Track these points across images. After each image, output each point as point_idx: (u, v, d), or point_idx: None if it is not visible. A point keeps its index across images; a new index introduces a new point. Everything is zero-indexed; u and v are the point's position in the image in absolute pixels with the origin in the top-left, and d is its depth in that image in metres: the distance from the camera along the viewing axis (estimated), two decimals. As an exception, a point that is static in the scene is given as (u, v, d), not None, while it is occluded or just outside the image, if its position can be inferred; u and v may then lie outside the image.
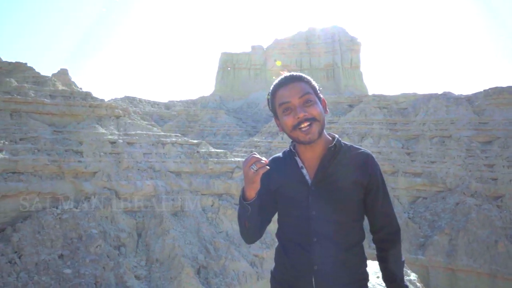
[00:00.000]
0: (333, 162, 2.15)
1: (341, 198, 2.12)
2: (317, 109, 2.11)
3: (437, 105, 44.11)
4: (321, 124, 2.12)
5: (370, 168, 2.16)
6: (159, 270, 23.51)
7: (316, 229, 2.12)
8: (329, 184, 2.13)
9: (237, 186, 28.84)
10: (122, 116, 30.60)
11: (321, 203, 2.12)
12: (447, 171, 38.30)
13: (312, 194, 2.13)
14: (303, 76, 2.20)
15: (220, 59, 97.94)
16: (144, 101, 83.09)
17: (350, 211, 2.15)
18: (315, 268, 2.10)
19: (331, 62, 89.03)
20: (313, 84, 2.20)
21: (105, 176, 25.60)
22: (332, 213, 2.11)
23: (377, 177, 2.18)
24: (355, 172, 2.14)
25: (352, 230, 2.17)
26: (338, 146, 2.18)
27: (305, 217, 2.14)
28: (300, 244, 2.16)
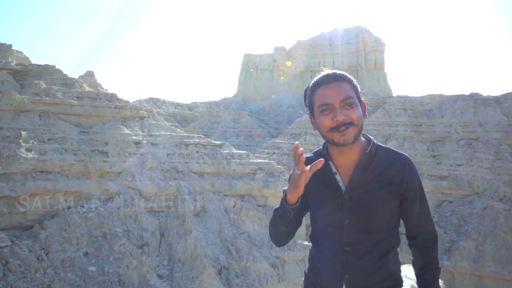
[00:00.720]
0: (368, 169, 2.07)
1: (376, 207, 2.04)
2: (356, 113, 2.02)
3: (464, 107, 43.03)
4: (358, 129, 2.02)
5: (407, 176, 2.07)
6: (181, 270, 23.75)
7: (349, 238, 2.07)
8: (363, 193, 2.05)
9: (259, 188, 28.85)
10: (146, 117, 31.11)
11: (355, 212, 2.05)
12: (474, 174, 37.28)
13: (346, 202, 2.06)
14: (347, 75, 2.09)
15: (242, 61, 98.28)
16: (167, 102, 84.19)
17: (385, 220, 2.08)
18: (346, 277, 2.07)
19: (355, 63, 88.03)
20: (355, 85, 2.10)
21: (129, 176, 26.07)
22: (366, 222, 2.05)
23: (414, 184, 2.09)
24: (391, 180, 2.05)
25: (386, 238, 2.10)
26: (374, 152, 2.10)
27: (338, 226, 2.09)
28: (332, 252, 2.13)
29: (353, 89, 2.06)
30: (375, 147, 2.12)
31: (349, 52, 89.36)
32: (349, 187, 2.07)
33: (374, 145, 2.12)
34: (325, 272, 2.16)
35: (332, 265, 2.12)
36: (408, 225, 2.19)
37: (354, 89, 2.07)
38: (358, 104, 2.05)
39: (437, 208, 37.73)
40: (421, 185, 2.14)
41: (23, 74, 33.33)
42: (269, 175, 29.74)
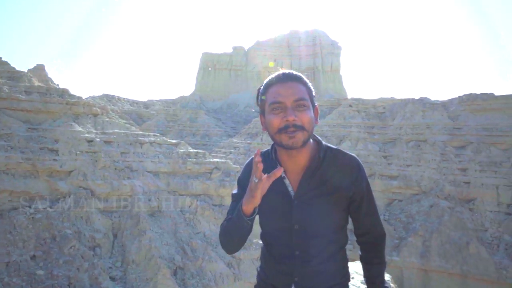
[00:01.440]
0: (316, 174, 2.03)
1: (325, 211, 2.03)
2: (308, 116, 1.94)
3: (414, 110, 45.05)
4: (308, 133, 1.95)
5: (356, 179, 2.07)
6: (135, 271, 23.24)
7: (299, 243, 2.05)
8: (313, 198, 2.03)
9: (215, 187, 28.78)
10: (100, 115, 30.13)
11: (304, 217, 2.02)
12: (422, 174, 39.16)
13: (295, 208, 2.03)
14: (303, 77, 2.02)
15: (201, 59, 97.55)
16: (123, 100, 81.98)
17: (334, 223, 2.08)
18: (295, 280, 2.08)
19: (312, 65, 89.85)
20: (310, 88, 2.03)
21: (81, 175, 25.16)
22: (316, 227, 2.03)
23: (362, 187, 2.09)
24: (340, 185, 2.04)
25: (335, 240, 2.12)
26: (323, 156, 2.05)
27: (287, 230, 2.06)
28: (282, 255, 2.12)
29: (308, 92, 1.99)
30: (324, 150, 2.07)
31: (307, 54, 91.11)
32: (298, 193, 2.03)
33: (323, 148, 2.08)
34: (276, 273, 2.17)
35: (283, 267, 2.12)
36: (357, 224, 2.21)
37: (309, 92, 2.00)
38: (311, 108, 1.98)
39: (387, 207, 39.29)
40: (368, 185, 2.14)
41: (-35, 67, 31.31)
42: (226, 174, 29.75)
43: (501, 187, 35.68)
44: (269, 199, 2.00)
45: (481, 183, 36.41)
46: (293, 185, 2.06)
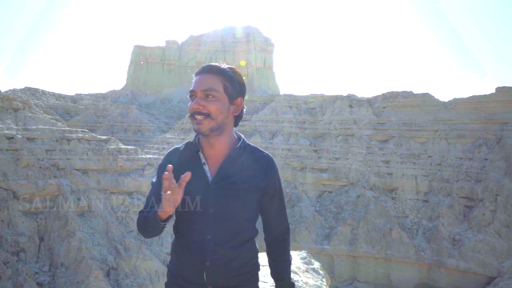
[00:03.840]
0: (235, 163, 2.18)
1: (239, 198, 2.16)
2: (214, 106, 2.09)
3: (342, 106, 47.33)
4: (216, 122, 2.11)
5: (270, 173, 2.23)
6: (65, 275, 22.19)
7: (211, 227, 2.14)
8: (229, 184, 2.15)
9: (148, 184, 28.19)
10: (21, 109, 28.14)
11: (219, 202, 2.14)
12: (350, 167, 41.39)
13: (211, 192, 2.14)
14: (221, 69, 2.15)
15: (132, 52, 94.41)
16: (48, 93, 76.95)
17: (246, 211, 2.20)
18: (207, 264, 2.14)
19: (245, 61, 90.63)
20: (230, 80, 2.16)
21: (0, 174, 23.39)
22: (229, 212, 2.14)
23: (275, 182, 2.27)
24: (255, 175, 2.19)
25: (246, 228, 2.22)
26: (243, 148, 2.23)
27: (202, 214, 2.15)
28: (195, 241, 2.18)
29: (223, 83, 2.12)
30: (244, 143, 2.26)
31: (241, 50, 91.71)
32: (216, 178, 2.16)
33: (244, 142, 2.26)
34: (187, 262, 2.21)
35: (194, 254, 2.17)
36: (265, 219, 2.35)
37: (226, 83, 2.13)
38: (225, 98, 2.12)
39: (318, 198, 41.05)
40: (280, 183, 2.33)
41: None
42: (160, 171, 29.25)
43: (419, 177, 38.83)
44: (188, 184, 2.01)
45: (402, 174, 39.31)
46: (212, 171, 2.19)
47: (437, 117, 41.68)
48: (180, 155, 2.28)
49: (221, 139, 2.21)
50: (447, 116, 41.28)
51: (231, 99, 2.17)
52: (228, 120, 2.19)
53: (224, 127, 2.18)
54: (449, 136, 39.75)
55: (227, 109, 2.16)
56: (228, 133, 2.23)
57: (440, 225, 34.59)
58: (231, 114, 2.20)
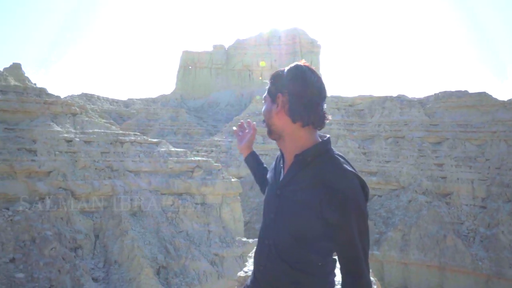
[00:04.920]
0: (295, 176, 1.99)
1: (294, 214, 1.95)
2: (263, 109, 2.14)
3: (392, 107, 45.93)
4: (267, 124, 2.11)
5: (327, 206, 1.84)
6: (118, 272, 23.11)
7: (270, 233, 2.08)
8: (287, 196, 2.01)
9: (197, 185, 28.78)
10: (78, 114, 29.73)
11: (278, 209, 2.04)
12: (401, 170, 40.01)
13: (275, 197, 2.08)
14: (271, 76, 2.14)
15: (181, 58, 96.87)
16: (102, 99, 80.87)
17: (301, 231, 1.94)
18: (260, 268, 2.13)
19: (291, 63, 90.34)
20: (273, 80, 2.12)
21: (60, 175, 24.82)
22: (285, 224, 1.99)
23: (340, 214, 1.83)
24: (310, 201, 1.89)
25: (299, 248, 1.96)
26: (309, 157, 1.97)
27: (267, 217, 2.13)
28: (259, 241, 2.17)
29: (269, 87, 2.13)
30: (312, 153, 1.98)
31: (287, 52, 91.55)
32: (280, 185, 2.07)
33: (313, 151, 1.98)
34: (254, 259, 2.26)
35: (256, 254, 2.20)
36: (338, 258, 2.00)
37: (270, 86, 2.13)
38: (268, 99, 2.12)
39: (368, 202, 40.07)
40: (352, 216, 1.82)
41: None
42: (207, 173, 29.78)
43: (476, 182, 36.80)
44: (268, 188, 2.23)
45: (457, 178, 37.44)
46: None
47: (495, 117, 39.37)
48: (277, 157, 2.32)
49: (285, 143, 2.10)
50: (507, 116, 38.87)
51: (273, 98, 2.08)
52: (275, 121, 2.05)
53: (277, 129, 2.08)
54: (509, 138, 37.36)
55: (270, 110, 2.08)
56: (290, 136, 2.05)
57: (500, 233, 32.56)
58: (276, 114, 2.04)
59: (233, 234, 28.14)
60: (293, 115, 1.99)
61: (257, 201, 43.03)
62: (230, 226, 28.62)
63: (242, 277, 3.70)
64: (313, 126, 2.01)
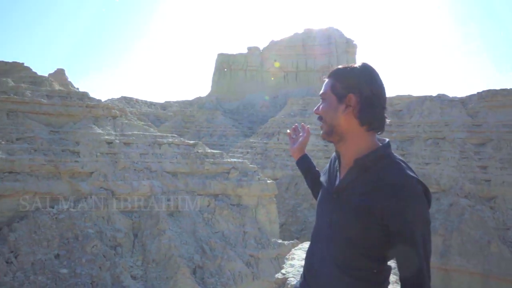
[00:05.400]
0: (355, 179, 1.93)
1: (350, 219, 1.90)
2: (324, 107, 2.01)
3: (432, 107, 44.49)
4: (328, 124, 2.00)
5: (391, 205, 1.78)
6: (155, 270, 23.64)
7: (324, 236, 2.04)
8: (344, 200, 1.95)
9: (233, 187, 29.00)
10: (118, 117, 30.71)
11: (334, 213, 1.99)
12: (441, 172, 38.64)
13: (331, 200, 2.03)
14: (333, 70, 2.04)
15: (216, 60, 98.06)
16: (140, 102, 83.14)
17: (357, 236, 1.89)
18: (313, 272, 2.11)
19: (327, 63, 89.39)
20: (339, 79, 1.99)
21: (101, 176, 25.71)
22: (340, 229, 1.95)
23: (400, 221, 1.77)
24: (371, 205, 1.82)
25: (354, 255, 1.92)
26: (370, 162, 1.91)
27: (322, 220, 2.09)
28: (312, 244, 2.15)
29: (332, 83, 2.00)
30: (374, 158, 1.92)
31: (322, 53, 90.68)
32: (336, 189, 2.01)
33: (373, 155, 1.92)
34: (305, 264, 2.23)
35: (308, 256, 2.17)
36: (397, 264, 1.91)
37: (335, 82, 1.99)
38: (332, 97, 1.98)
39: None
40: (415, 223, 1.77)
41: (-11, 72, 32.29)
42: (243, 174, 29.95)
43: (523, 185, 35.02)
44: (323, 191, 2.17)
45: (502, 181, 35.75)
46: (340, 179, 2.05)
47: (544, 118, 37.33)
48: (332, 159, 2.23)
49: (346, 146, 2.01)
50: (558, 116, 36.77)
51: (340, 97, 1.95)
52: (340, 122, 1.95)
53: (341, 130, 1.98)
54: (560, 139, 35.33)
55: (335, 109, 1.96)
56: (353, 139, 1.97)
57: (550, 239, 30.79)
58: (343, 115, 1.94)
59: (269, 235, 28.14)
60: (362, 118, 1.92)
61: (293, 203, 42.82)
62: (265, 227, 28.64)
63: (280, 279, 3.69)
64: (376, 129, 1.96)
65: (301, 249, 4.80)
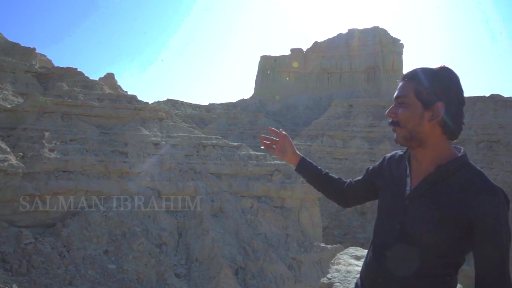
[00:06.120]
0: (437, 184, 1.89)
1: (431, 225, 1.85)
2: (405, 113, 1.92)
3: (484, 109, 42.31)
4: (406, 130, 1.92)
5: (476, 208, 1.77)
6: (199, 269, 24.02)
7: (393, 244, 1.97)
8: (423, 206, 1.90)
9: (276, 189, 28.96)
10: (164, 119, 31.59)
11: (408, 220, 1.93)
12: (495, 177, 36.57)
13: (404, 207, 1.96)
14: (413, 73, 1.95)
15: (259, 63, 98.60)
16: (185, 104, 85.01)
17: (437, 242, 1.86)
18: (379, 281, 2.03)
19: (372, 64, 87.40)
20: (424, 84, 1.91)
21: (148, 176, 26.51)
22: (416, 236, 1.90)
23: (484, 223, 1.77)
24: (455, 206, 1.80)
25: (432, 262, 1.89)
26: (452, 169, 1.88)
27: (388, 227, 2.02)
28: (376, 252, 2.08)
29: (415, 88, 1.92)
30: (457, 165, 1.89)
31: (366, 53, 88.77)
32: (412, 194, 1.96)
33: (458, 162, 1.90)
34: (366, 270, 2.15)
35: (371, 264, 2.09)
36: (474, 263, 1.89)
37: (419, 87, 1.91)
38: (417, 104, 1.90)
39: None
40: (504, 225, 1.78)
41: (46, 77, 34.26)
42: (286, 176, 29.83)
43: None
44: (388, 192, 2.08)
45: None
46: (412, 185, 1.99)
47: None
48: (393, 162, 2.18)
49: (425, 152, 1.96)
50: None
51: (426, 104, 1.89)
52: (425, 129, 1.90)
53: (423, 137, 1.92)
54: None
55: (420, 116, 1.90)
56: (434, 146, 1.93)
57: None
58: (428, 122, 1.89)
59: (311, 239, 27.83)
60: (447, 126, 1.89)
61: (336, 206, 42.11)
62: (308, 230, 28.36)
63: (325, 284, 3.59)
64: (455, 138, 1.94)
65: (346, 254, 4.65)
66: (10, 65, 32.40)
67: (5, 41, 45.15)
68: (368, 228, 39.63)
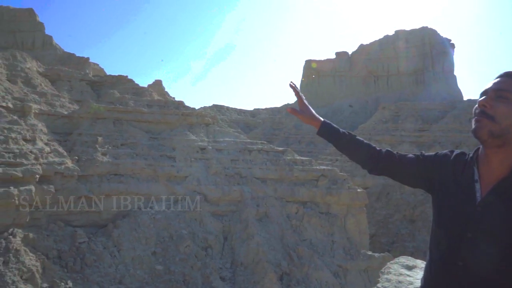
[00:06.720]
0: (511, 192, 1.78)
1: (508, 232, 1.75)
2: (502, 107, 1.79)
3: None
4: (499, 127, 1.79)
5: None
6: (243, 274, 24.11)
7: (465, 253, 1.84)
8: (499, 212, 1.78)
9: (322, 194, 28.55)
10: (211, 124, 32.16)
11: (482, 228, 1.81)
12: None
13: (476, 214, 1.84)
14: None
15: (304, 67, 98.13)
16: (231, 109, 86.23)
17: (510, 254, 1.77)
18: None
19: (421, 66, 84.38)
20: None
21: (195, 180, 27.05)
22: (491, 244, 1.78)
23: None
24: None
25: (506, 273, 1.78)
26: None
27: (458, 235, 1.88)
28: (443, 262, 1.94)
29: None
30: None
31: (415, 55, 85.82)
32: (486, 200, 1.83)
33: None
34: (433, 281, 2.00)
35: (440, 276, 1.95)
36: None
37: None
38: None
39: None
40: None
41: (99, 85, 35.97)
42: (332, 182, 29.34)
43: None
44: (452, 199, 1.95)
45: None
46: (483, 191, 1.87)
47: None
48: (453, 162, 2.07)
49: (501, 154, 1.84)
50: None
51: None
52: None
53: (509, 137, 1.81)
54: None
55: None
56: None
57: None
58: None
59: (358, 246, 27.16)
60: None
61: (384, 213, 40.92)
62: (354, 238, 27.71)
63: (376, 293, 3.47)
64: None
65: (397, 264, 4.48)
66: (66, 74, 34.33)
67: (62, 52, 48.01)
68: (418, 236, 38.08)
